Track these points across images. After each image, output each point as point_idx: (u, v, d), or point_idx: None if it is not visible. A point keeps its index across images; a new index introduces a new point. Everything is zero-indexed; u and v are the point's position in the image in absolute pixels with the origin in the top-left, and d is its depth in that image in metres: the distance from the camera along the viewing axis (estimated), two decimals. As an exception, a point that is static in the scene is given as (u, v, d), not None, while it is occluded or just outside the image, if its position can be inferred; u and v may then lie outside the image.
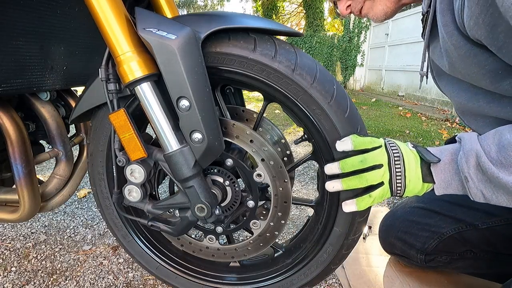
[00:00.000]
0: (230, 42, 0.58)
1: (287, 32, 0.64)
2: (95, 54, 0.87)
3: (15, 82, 0.65)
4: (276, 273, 0.77)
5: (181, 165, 0.57)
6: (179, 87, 0.53)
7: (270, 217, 0.71)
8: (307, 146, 2.46)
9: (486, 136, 0.55)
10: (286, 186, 0.66)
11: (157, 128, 0.56)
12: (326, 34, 8.48)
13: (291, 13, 15.25)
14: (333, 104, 0.58)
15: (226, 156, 0.67)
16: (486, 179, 0.53)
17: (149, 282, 0.96)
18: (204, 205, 0.61)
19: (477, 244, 0.84)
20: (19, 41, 0.64)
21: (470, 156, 0.54)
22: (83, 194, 1.60)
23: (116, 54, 0.54)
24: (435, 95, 4.75)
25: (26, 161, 0.74)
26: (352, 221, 0.65)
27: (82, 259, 1.07)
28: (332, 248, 0.69)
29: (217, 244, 0.78)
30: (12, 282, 0.96)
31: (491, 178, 0.52)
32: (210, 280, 0.82)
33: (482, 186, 0.54)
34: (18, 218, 0.79)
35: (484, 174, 0.53)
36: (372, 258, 1.05)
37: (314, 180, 1.82)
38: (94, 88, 0.63)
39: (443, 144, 0.66)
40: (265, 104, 0.68)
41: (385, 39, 6.39)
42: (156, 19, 0.54)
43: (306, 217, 1.36)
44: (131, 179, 0.63)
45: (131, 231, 0.82)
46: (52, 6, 0.69)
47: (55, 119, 0.81)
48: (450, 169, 0.57)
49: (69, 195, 0.89)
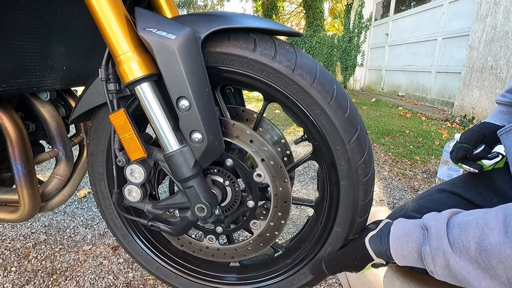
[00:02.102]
0: (230, 42, 0.58)
1: (287, 32, 0.64)
2: (95, 54, 0.86)
3: (15, 82, 0.65)
4: (276, 273, 0.77)
5: (181, 165, 0.57)
6: (179, 87, 0.53)
7: (270, 217, 0.70)
8: (307, 146, 2.46)
9: (462, 227, 0.46)
10: (286, 186, 0.66)
11: (157, 128, 0.56)
12: (326, 34, 8.48)
13: (291, 13, 15.24)
14: (333, 104, 0.58)
15: (226, 156, 0.67)
16: (453, 276, 0.47)
17: (149, 282, 0.96)
18: (204, 205, 0.61)
19: None
20: (19, 41, 0.64)
21: (437, 256, 0.48)
22: (83, 194, 1.60)
23: (116, 54, 0.54)
24: (435, 95, 4.75)
25: (26, 161, 0.74)
26: (352, 221, 0.65)
27: (82, 259, 1.07)
28: (332, 248, 0.69)
29: (217, 244, 0.78)
30: (12, 282, 0.96)
31: (462, 280, 0.46)
32: (210, 280, 0.82)
33: (447, 279, 0.49)
34: (18, 218, 0.79)
35: (452, 273, 0.47)
36: (372, 258, 1.05)
37: (314, 180, 1.82)
38: (94, 88, 0.63)
39: (443, 144, 0.66)
40: (265, 104, 0.68)
41: (385, 39, 6.38)
42: (156, 19, 0.54)
43: (306, 217, 1.36)
44: (131, 179, 0.63)
45: (131, 231, 0.82)
46: (52, 6, 0.69)
47: (55, 119, 0.81)
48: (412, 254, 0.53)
49: (69, 195, 0.89)
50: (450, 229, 0.48)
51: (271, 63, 0.57)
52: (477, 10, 3.50)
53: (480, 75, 3.45)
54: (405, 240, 0.54)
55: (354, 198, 0.63)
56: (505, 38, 3.11)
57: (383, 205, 1.50)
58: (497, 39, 3.21)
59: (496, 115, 0.84)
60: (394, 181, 1.81)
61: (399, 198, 1.58)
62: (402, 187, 1.72)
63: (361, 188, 0.62)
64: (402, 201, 1.55)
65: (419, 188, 1.70)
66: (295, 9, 14.96)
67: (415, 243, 0.53)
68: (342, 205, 0.65)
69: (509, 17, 3.06)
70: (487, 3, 3.35)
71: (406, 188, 1.70)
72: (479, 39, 3.47)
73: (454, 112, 3.91)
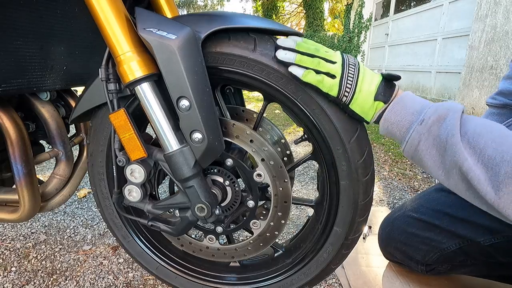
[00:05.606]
0: (230, 42, 0.58)
1: (287, 32, 0.64)
2: (95, 54, 0.86)
3: (15, 82, 0.65)
4: (276, 273, 0.77)
5: (181, 165, 0.57)
6: (179, 87, 0.53)
7: (270, 217, 0.71)
8: (307, 146, 2.46)
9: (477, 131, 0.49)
10: (286, 186, 0.66)
11: (157, 128, 0.56)
12: (326, 34, 8.48)
13: (291, 13, 15.24)
14: (333, 104, 0.58)
15: (226, 156, 0.67)
16: (438, 137, 0.49)
17: (149, 282, 0.96)
18: (204, 205, 0.61)
19: (478, 257, 0.83)
20: (19, 41, 0.64)
21: (441, 109, 0.50)
22: (83, 194, 1.60)
23: (116, 54, 0.54)
24: (435, 95, 4.75)
25: (26, 161, 0.74)
26: (352, 221, 0.65)
27: (82, 259, 1.07)
28: (332, 248, 0.69)
29: (217, 244, 0.78)
30: (12, 282, 0.96)
31: (448, 142, 0.48)
32: (210, 280, 0.82)
33: (428, 139, 0.50)
34: (18, 218, 0.79)
35: (441, 132, 0.49)
36: (372, 258, 1.05)
37: (314, 180, 1.82)
38: (94, 88, 0.63)
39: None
40: (265, 104, 0.68)
41: (385, 39, 6.38)
42: (156, 19, 0.54)
43: (306, 217, 1.36)
44: (131, 179, 0.63)
45: (131, 231, 0.81)
46: (52, 6, 0.69)
47: (55, 119, 0.81)
48: (408, 103, 0.53)
49: (69, 195, 0.89)
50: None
51: (271, 63, 0.57)
52: (477, 10, 3.50)
53: (480, 75, 3.45)
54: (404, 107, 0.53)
55: (354, 198, 0.63)
56: (505, 38, 3.12)
57: (383, 205, 1.50)
58: (497, 39, 3.21)
59: (488, 117, 0.85)
60: (394, 181, 1.81)
61: (399, 198, 1.58)
62: (402, 187, 1.72)
63: (361, 188, 0.62)
64: (402, 201, 1.55)
65: (419, 188, 1.70)
66: (295, 9, 14.97)
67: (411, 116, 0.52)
68: (342, 205, 0.65)
69: (509, 17, 3.07)
70: (487, 3, 3.35)
71: (406, 188, 1.70)
72: (479, 39, 3.47)
73: (454, 112, 3.91)
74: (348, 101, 0.54)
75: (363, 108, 0.55)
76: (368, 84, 0.54)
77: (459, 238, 0.83)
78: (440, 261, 0.87)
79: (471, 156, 0.47)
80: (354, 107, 0.55)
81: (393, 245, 0.95)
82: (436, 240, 0.86)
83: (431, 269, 0.90)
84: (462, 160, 0.47)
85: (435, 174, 0.52)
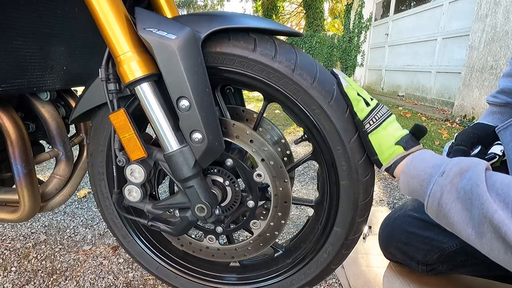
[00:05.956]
0: (230, 42, 0.58)
1: (287, 32, 0.64)
2: (95, 54, 0.86)
3: (15, 82, 0.65)
4: (276, 273, 0.77)
5: (181, 165, 0.57)
6: (179, 87, 0.53)
7: (270, 217, 0.71)
8: (307, 146, 2.46)
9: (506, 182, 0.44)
10: (286, 186, 0.66)
11: (157, 128, 0.56)
12: (326, 34, 8.48)
13: (291, 13, 15.24)
14: (333, 104, 0.58)
15: (226, 156, 0.67)
16: (462, 188, 0.45)
17: (149, 282, 0.96)
18: (204, 205, 0.61)
19: (479, 256, 0.83)
20: (19, 41, 0.64)
21: (463, 162, 0.47)
22: (83, 194, 1.60)
23: (116, 54, 0.54)
24: (435, 95, 4.75)
25: (26, 161, 0.74)
26: (352, 221, 0.65)
27: (82, 259, 1.07)
28: (332, 248, 0.69)
29: (217, 244, 0.78)
30: (12, 282, 0.96)
31: (474, 192, 0.44)
32: (210, 280, 0.82)
33: (451, 192, 0.46)
34: (18, 218, 0.79)
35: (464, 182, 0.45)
36: (372, 258, 1.05)
37: (314, 180, 1.82)
38: (94, 88, 0.63)
39: (443, 144, 0.66)
40: (265, 104, 0.68)
41: (385, 39, 6.38)
42: (156, 19, 0.54)
43: (306, 217, 1.36)
44: (131, 179, 0.63)
45: (131, 231, 0.82)
46: (52, 6, 0.69)
47: (55, 119, 0.81)
48: (428, 157, 0.52)
49: (69, 195, 0.89)
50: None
51: (271, 63, 0.57)
52: (477, 10, 3.50)
53: (480, 75, 3.45)
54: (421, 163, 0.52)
55: (354, 198, 0.63)
56: (505, 38, 3.12)
57: (383, 205, 1.50)
58: (497, 39, 3.21)
59: (488, 116, 0.84)
60: (394, 181, 1.81)
61: (399, 198, 1.58)
62: (402, 187, 1.72)
63: (361, 188, 0.62)
64: (402, 201, 1.55)
65: (419, 188, 1.70)
66: (295, 9, 14.97)
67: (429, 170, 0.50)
68: (342, 205, 0.65)
69: (509, 17, 3.07)
70: (487, 3, 3.35)
71: (406, 188, 1.70)
72: (479, 39, 3.47)
73: (454, 112, 3.92)
74: (370, 130, 0.56)
75: (380, 145, 0.56)
76: (394, 130, 0.56)
77: (460, 238, 0.82)
78: (440, 260, 0.87)
79: (502, 210, 0.42)
80: (372, 138, 0.56)
81: (393, 245, 0.95)
82: (437, 239, 0.86)
83: (432, 269, 0.90)
84: (492, 212, 0.42)
85: (465, 233, 0.47)
